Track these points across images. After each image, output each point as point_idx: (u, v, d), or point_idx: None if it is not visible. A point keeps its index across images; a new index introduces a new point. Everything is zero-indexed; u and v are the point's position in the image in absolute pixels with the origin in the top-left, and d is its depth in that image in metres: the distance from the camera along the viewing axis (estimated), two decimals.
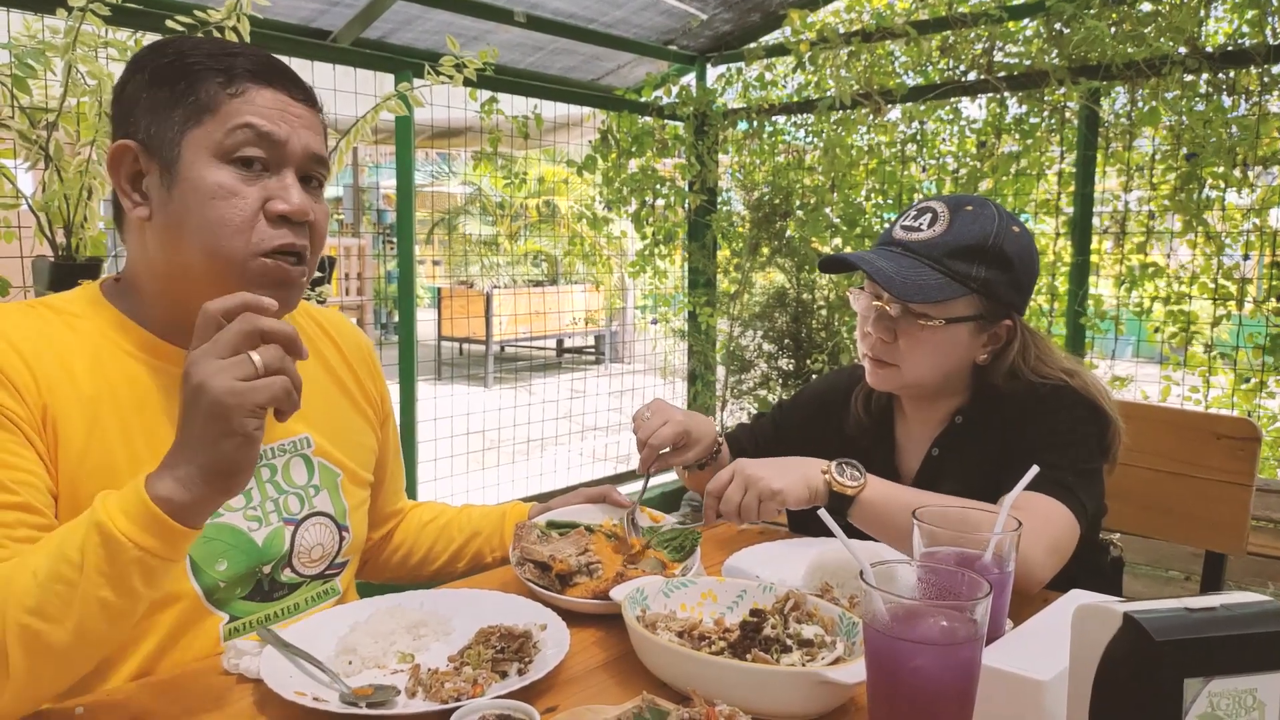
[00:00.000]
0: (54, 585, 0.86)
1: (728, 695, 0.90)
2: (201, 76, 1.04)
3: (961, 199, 1.44)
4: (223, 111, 1.03)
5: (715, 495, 1.31)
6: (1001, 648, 0.94)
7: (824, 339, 3.93)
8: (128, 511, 0.87)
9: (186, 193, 1.02)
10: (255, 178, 1.04)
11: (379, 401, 1.37)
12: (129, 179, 1.06)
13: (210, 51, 1.06)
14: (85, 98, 2.16)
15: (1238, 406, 3.22)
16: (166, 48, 1.07)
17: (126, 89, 1.07)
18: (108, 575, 0.87)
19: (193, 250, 1.03)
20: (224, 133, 1.02)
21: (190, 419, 0.87)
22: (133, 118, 1.06)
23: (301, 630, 1.08)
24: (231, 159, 1.03)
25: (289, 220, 1.05)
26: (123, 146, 1.05)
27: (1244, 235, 3.16)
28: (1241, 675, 0.71)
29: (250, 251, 1.03)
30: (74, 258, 2.21)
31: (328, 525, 1.22)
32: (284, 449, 1.19)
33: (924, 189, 3.72)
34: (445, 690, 0.95)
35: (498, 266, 10.82)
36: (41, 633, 0.86)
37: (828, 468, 1.31)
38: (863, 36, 3.59)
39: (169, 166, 1.03)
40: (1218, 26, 3.23)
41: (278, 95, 1.06)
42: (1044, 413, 1.40)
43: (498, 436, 4.11)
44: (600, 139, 4.05)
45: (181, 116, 1.03)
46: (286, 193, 1.05)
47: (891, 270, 1.37)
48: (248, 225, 1.03)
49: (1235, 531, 1.67)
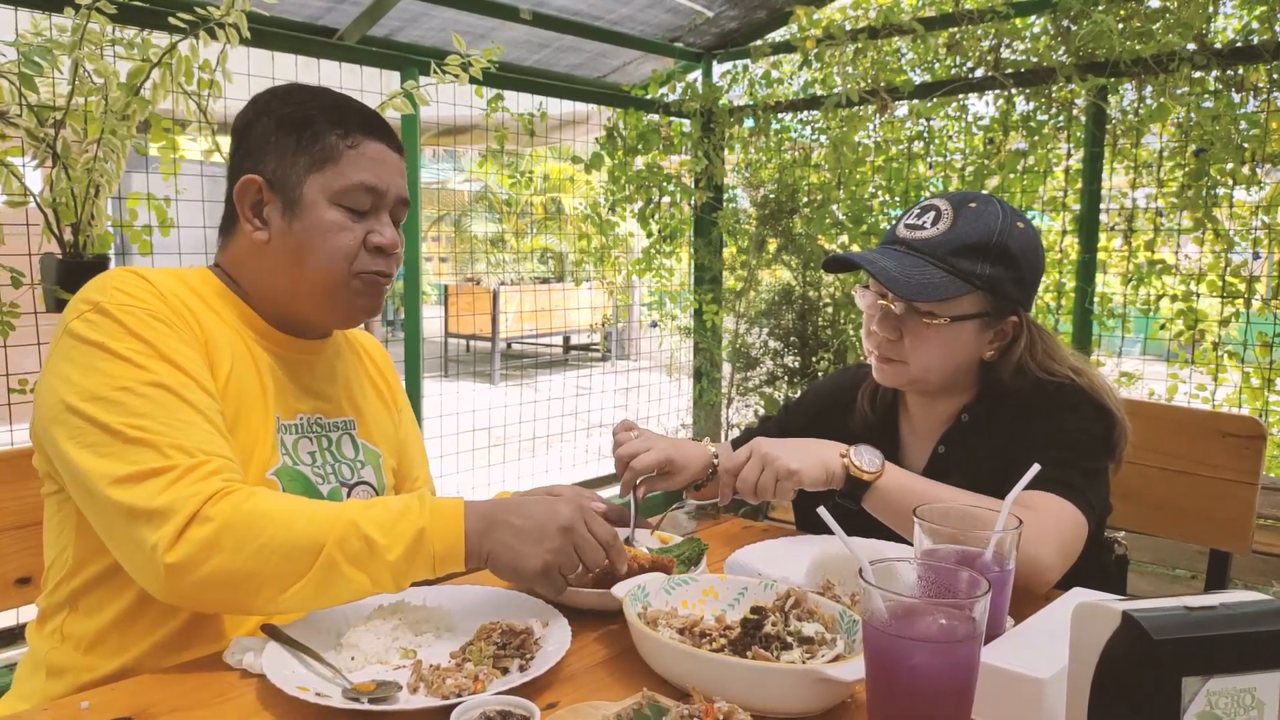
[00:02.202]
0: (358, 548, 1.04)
1: (728, 692, 0.90)
2: (322, 128, 1.23)
3: (965, 196, 1.43)
4: (342, 162, 1.23)
5: (732, 473, 1.31)
6: (1001, 646, 0.94)
7: (830, 336, 3.92)
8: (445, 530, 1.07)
9: (309, 226, 1.22)
10: (360, 218, 1.25)
11: (391, 397, 1.52)
12: (252, 207, 1.24)
13: (325, 105, 1.26)
14: (92, 96, 2.16)
15: (1248, 404, 3.20)
16: (290, 98, 1.27)
17: (254, 129, 1.26)
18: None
19: (310, 270, 1.23)
20: (341, 184, 1.22)
21: (544, 527, 1.09)
22: (259, 155, 1.24)
23: (304, 626, 1.08)
24: (344, 204, 1.23)
25: (383, 251, 1.26)
26: (250, 180, 1.23)
27: (1253, 232, 3.14)
28: (1240, 674, 0.71)
29: (353, 273, 1.25)
30: (81, 255, 2.22)
31: (372, 495, 1.35)
32: (338, 425, 1.35)
33: (931, 186, 3.71)
34: (447, 686, 0.96)
35: (504, 264, 10.83)
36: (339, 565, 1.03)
37: (846, 451, 1.31)
38: (869, 33, 3.58)
39: (293, 204, 1.22)
40: (1226, 22, 3.21)
41: (381, 148, 1.26)
42: (1050, 412, 1.40)
43: (504, 433, 4.12)
44: (606, 136, 4.04)
45: (306, 163, 1.22)
46: (384, 229, 1.26)
47: (895, 269, 1.36)
48: (353, 254, 1.24)
49: (1240, 530, 1.67)
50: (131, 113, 2.18)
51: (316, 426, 1.32)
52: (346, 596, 1.05)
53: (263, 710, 0.95)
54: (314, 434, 1.31)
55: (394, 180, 1.28)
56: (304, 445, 1.28)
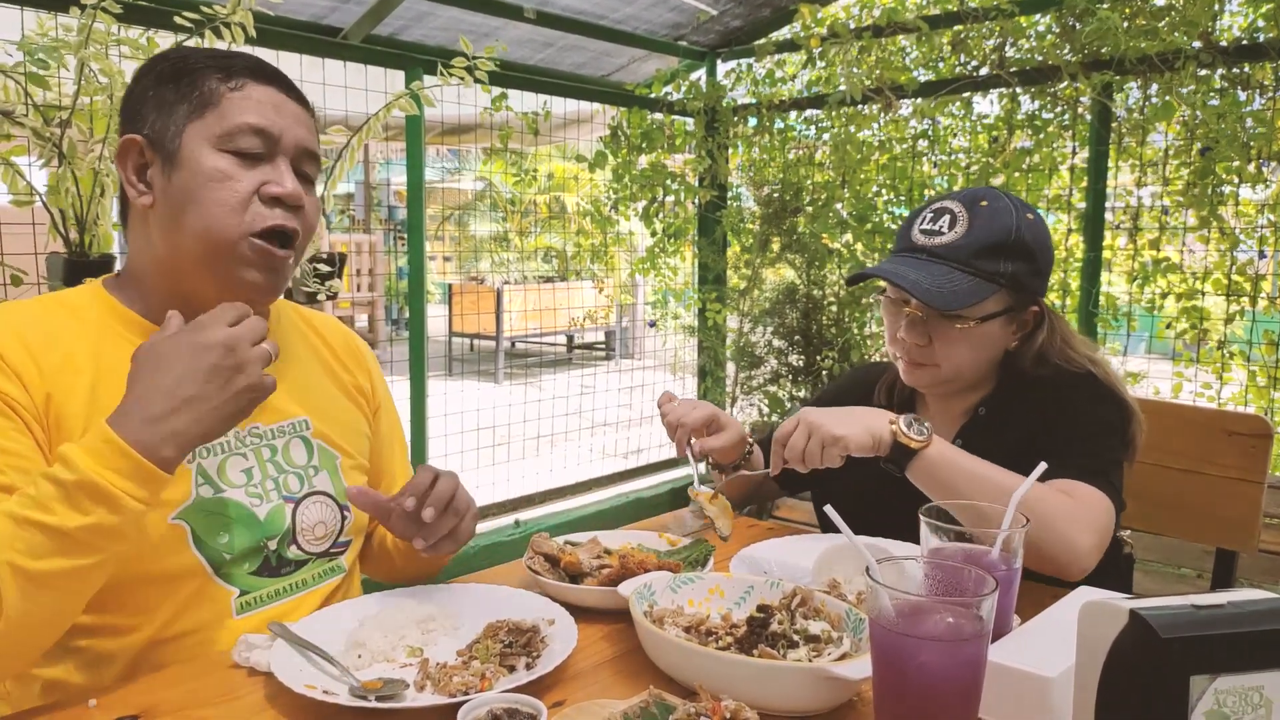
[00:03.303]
0: (28, 526, 0.91)
1: (734, 690, 0.90)
2: (203, 74, 1.12)
3: (974, 194, 1.44)
4: (223, 105, 1.10)
5: (780, 442, 1.32)
6: (1008, 644, 0.94)
7: (834, 335, 3.92)
8: (94, 452, 0.93)
9: (186, 178, 1.09)
10: (251, 165, 1.11)
11: (370, 392, 1.41)
12: (135, 171, 1.13)
13: (211, 54, 1.15)
14: (98, 95, 2.17)
15: (1254, 403, 3.19)
16: (170, 53, 1.17)
17: (134, 90, 1.16)
18: (70, 503, 0.92)
19: (191, 230, 1.10)
20: (223, 126, 1.10)
21: (192, 370, 0.96)
22: (140, 114, 1.13)
23: (311, 624, 1.09)
24: (229, 149, 1.10)
25: (282, 203, 1.12)
26: (129, 140, 1.12)
27: (1258, 231, 3.13)
28: (1248, 673, 0.71)
29: (243, 231, 1.10)
30: (87, 254, 2.23)
31: (328, 504, 1.26)
32: (284, 430, 1.23)
33: (935, 185, 3.70)
34: (454, 684, 0.96)
35: (508, 262, 10.83)
36: (26, 568, 0.91)
37: (895, 419, 1.31)
38: (874, 31, 3.57)
39: (171, 156, 1.10)
40: (1232, 20, 3.20)
41: (272, 92, 1.14)
42: (1072, 405, 1.41)
43: (508, 432, 4.11)
44: (610, 135, 4.04)
45: (185, 110, 1.11)
46: (281, 178, 1.12)
47: (926, 281, 1.37)
48: (242, 206, 1.10)
49: (1247, 529, 1.66)
50: None
51: (251, 438, 1.18)
52: (74, 583, 0.94)
53: (269, 708, 0.95)
54: (249, 447, 1.17)
55: (290, 127, 1.13)
56: (235, 464, 1.16)
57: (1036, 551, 1.24)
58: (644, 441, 4.58)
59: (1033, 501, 1.20)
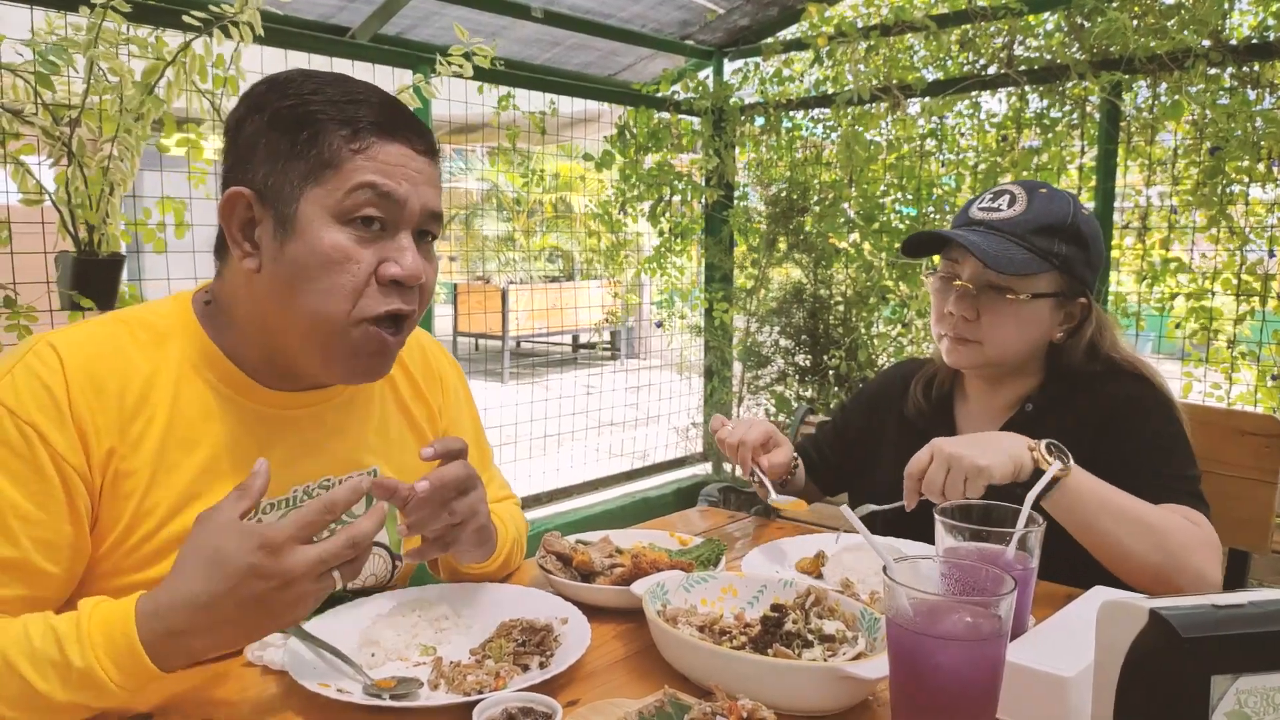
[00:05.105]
0: (16, 678, 0.86)
1: (749, 690, 0.90)
2: (325, 127, 0.99)
3: (1034, 183, 1.49)
4: (345, 169, 0.98)
5: (915, 477, 1.26)
6: (1025, 644, 0.94)
7: (841, 334, 3.91)
8: (109, 639, 0.86)
9: (302, 252, 0.99)
10: (372, 239, 1.01)
11: (435, 417, 1.32)
12: (241, 227, 1.02)
13: (333, 98, 1.01)
14: (107, 94, 2.17)
15: (1263, 403, 3.18)
16: (288, 89, 1.02)
17: (244, 130, 1.03)
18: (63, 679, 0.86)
19: (300, 310, 1.00)
20: (344, 193, 0.98)
21: (238, 597, 0.86)
22: (249, 162, 1.02)
23: (325, 622, 1.08)
24: (350, 219, 0.99)
25: (399, 285, 1.02)
26: (236, 194, 1.01)
27: (1268, 230, 3.12)
28: (1270, 673, 0.71)
29: (354, 318, 1.01)
30: (96, 253, 2.23)
31: (381, 555, 1.23)
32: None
33: (943, 185, 3.69)
34: (468, 683, 0.96)
35: (514, 262, 10.83)
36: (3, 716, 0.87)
37: (1035, 445, 1.27)
38: (881, 30, 3.57)
39: (285, 222, 0.99)
40: (1242, 19, 3.19)
41: (399, 150, 1.01)
42: (1140, 411, 1.42)
43: (514, 432, 4.11)
44: (617, 134, 4.04)
45: (302, 170, 0.99)
46: (401, 256, 1.01)
47: (984, 244, 1.40)
48: (358, 291, 1.00)
49: (1259, 529, 1.66)
50: (146, 111, 2.19)
51: (320, 490, 1.12)
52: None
53: (284, 706, 0.95)
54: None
55: (417, 190, 1.02)
56: None
57: (1166, 582, 1.24)
58: (650, 442, 4.58)
59: (1170, 531, 1.24)
